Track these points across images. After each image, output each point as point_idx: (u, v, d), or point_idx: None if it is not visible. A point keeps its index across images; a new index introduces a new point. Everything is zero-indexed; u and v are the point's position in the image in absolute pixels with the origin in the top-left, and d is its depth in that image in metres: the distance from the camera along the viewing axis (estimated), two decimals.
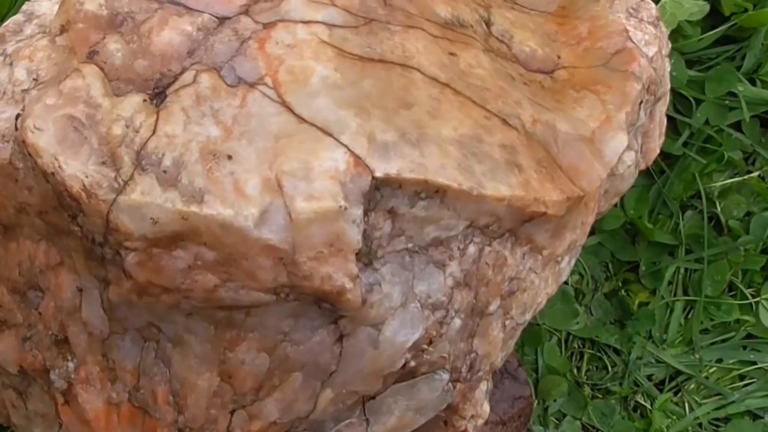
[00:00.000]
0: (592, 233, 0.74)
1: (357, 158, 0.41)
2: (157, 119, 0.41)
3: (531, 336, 0.72)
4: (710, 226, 0.75)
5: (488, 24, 0.53)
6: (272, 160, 0.40)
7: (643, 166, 0.63)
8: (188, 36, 0.44)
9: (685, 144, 0.75)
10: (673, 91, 0.73)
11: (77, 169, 0.41)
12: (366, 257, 0.42)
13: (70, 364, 0.45)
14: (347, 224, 0.40)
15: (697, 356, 0.73)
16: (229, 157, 0.40)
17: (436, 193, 0.42)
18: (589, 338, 0.73)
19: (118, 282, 0.42)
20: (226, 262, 0.40)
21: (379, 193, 0.41)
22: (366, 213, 0.42)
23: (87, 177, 0.40)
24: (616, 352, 0.73)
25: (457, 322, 0.45)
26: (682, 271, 0.74)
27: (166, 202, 0.39)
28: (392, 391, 0.45)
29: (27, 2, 0.49)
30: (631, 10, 0.57)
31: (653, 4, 0.59)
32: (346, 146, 0.41)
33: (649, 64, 0.55)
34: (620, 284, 0.75)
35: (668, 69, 0.60)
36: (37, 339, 0.46)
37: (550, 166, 0.46)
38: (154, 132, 0.41)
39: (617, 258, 0.75)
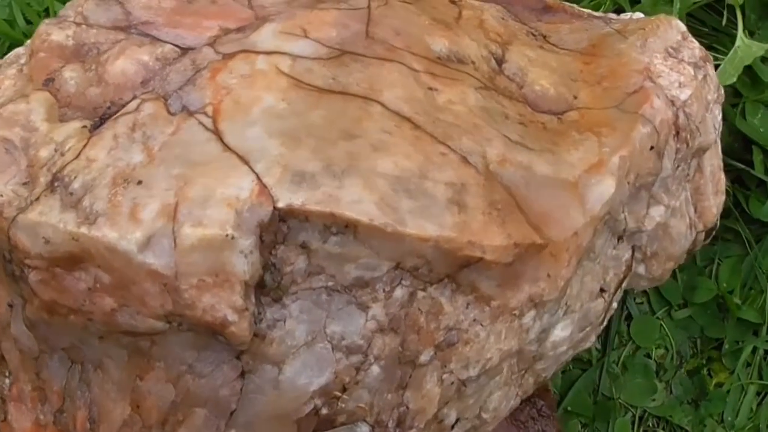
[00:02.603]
0: (684, 305, 0.66)
1: (263, 187, 0.38)
2: (85, 144, 0.40)
3: (603, 409, 0.65)
4: None
5: (500, 62, 0.48)
6: (181, 186, 0.38)
7: (701, 227, 0.55)
8: (144, 65, 0.43)
9: None
10: (763, 150, 0.64)
11: None
12: (275, 293, 0.39)
13: (7, 380, 0.44)
14: (234, 254, 0.37)
15: None
16: (140, 183, 0.38)
17: (346, 228, 0.38)
18: (664, 417, 0.65)
19: (30, 299, 0.40)
20: (120, 286, 0.38)
21: (286, 225, 0.38)
22: (274, 246, 0.38)
23: (2, 196, 0.40)
24: None
25: (375, 370, 0.40)
26: (761, 352, 0.64)
27: (60, 222, 0.38)
28: None
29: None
30: (670, 50, 0.51)
31: (696, 44, 0.52)
32: (256, 174, 0.38)
33: (678, 108, 0.48)
34: (704, 362, 0.65)
35: (718, 116, 0.53)
36: None
37: (506, 209, 0.40)
38: (77, 156, 0.40)
39: (706, 334, 0.66)
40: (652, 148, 0.47)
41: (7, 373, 0.45)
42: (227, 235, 0.37)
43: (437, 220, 0.39)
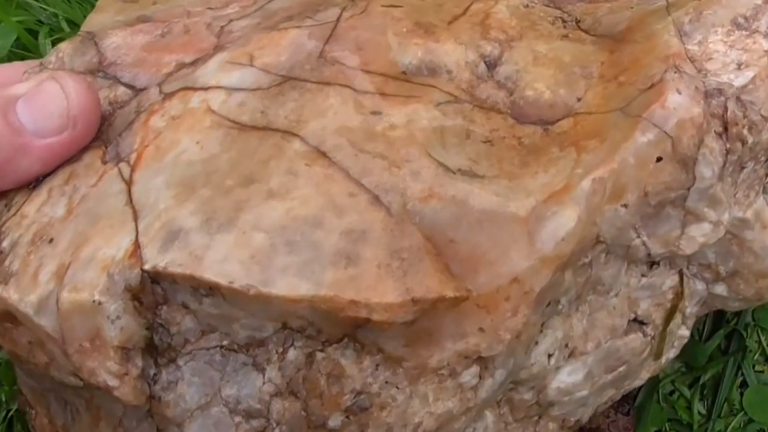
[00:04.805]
0: None
1: (136, 247, 0.35)
2: (26, 200, 0.40)
3: None
4: None
5: (494, 65, 0.40)
6: (79, 245, 0.36)
7: None
8: None
9: None
10: None
11: None
12: (168, 353, 0.36)
13: (33, 412, 0.46)
14: (103, 319, 0.34)
15: None
16: (51, 241, 0.37)
17: (211, 290, 0.34)
18: None
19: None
20: (40, 344, 0.37)
21: (160, 287, 0.34)
22: (157, 306, 0.35)
23: None
24: None
25: None
26: None
27: None
28: None
29: None
30: (739, 20, 0.39)
31: None
32: (137, 233, 0.35)
33: (727, 98, 0.37)
34: None
35: None
36: None
37: (414, 258, 0.33)
38: (15, 213, 0.39)
39: None
40: (659, 159, 0.36)
41: (32, 405, 0.46)
42: (94, 301, 0.34)
43: (316, 277, 0.33)
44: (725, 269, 0.41)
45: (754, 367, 0.54)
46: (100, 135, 0.40)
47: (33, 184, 0.40)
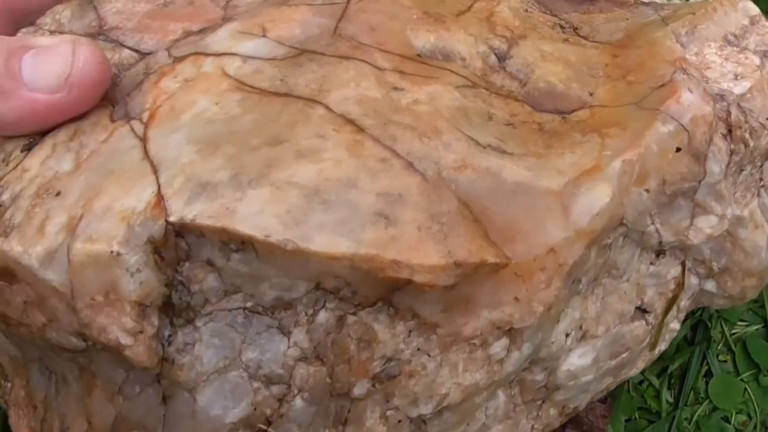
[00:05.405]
0: None
1: (159, 199, 0.32)
2: (27, 154, 0.37)
3: None
4: None
5: (503, 57, 0.40)
6: (91, 197, 0.33)
7: None
8: None
9: None
10: None
11: None
12: (186, 313, 0.33)
13: (8, 385, 0.42)
14: (121, 272, 0.32)
15: None
16: (58, 194, 0.34)
17: (243, 244, 0.32)
18: None
19: None
20: (40, 302, 0.34)
21: (184, 241, 0.32)
22: (178, 263, 0.33)
23: None
24: None
25: (299, 403, 0.33)
26: None
27: None
28: None
29: None
30: (730, 37, 0.40)
31: None
32: (159, 185, 0.33)
33: (729, 102, 0.38)
34: None
35: None
36: None
37: (453, 223, 0.32)
38: (16, 166, 0.37)
39: None
40: (678, 149, 0.37)
41: (6, 378, 0.42)
42: (112, 252, 0.31)
43: (355, 235, 0.31)
44: (718, 265, 0.42)
45: (718, 356, 0.54)
46: (106, 95, 0.38)
47: (32, 140, 0.37)
